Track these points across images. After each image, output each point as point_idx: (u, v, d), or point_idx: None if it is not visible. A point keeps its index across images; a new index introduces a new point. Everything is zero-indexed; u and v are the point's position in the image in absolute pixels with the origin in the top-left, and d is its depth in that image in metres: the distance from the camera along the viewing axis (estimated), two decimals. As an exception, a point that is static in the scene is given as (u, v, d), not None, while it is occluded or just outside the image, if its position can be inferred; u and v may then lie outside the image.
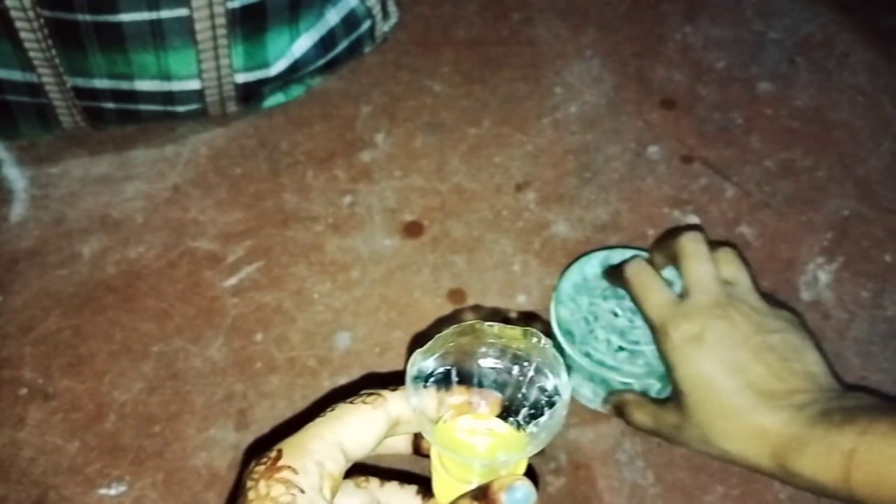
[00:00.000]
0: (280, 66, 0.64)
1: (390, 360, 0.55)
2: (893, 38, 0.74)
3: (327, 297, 0.58)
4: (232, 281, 0.59)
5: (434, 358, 0.35)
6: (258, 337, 0.56)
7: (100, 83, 0.60)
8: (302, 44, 0.64)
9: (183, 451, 0.51)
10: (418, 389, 0.34)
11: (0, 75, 0.58)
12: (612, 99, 0.70)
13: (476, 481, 0.33)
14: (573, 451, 0.52)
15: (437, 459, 0.35)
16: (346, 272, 0.59)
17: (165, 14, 0.56)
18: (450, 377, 0.35)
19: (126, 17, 0.56)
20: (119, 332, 0.56)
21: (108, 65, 0.58)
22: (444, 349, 0.35)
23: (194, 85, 0.61)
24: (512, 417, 0.35)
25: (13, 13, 0.54)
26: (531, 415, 0.35)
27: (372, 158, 0.66)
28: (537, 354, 0.35)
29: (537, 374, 0.35)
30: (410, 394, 0.34)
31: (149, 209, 0.62)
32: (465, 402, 0.35)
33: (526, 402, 0.35)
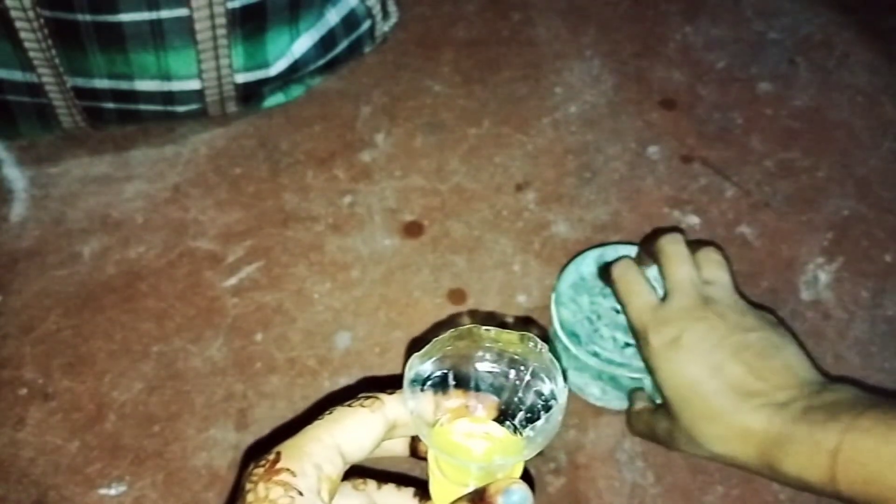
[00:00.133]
0: (280, 66, 0.64)
1: (390, 360, 0.55)
2: (893, 38, 0.74)
3: (327, 297, 0.58)
4: (232, 281, 0.59)
5: (431, 362, 0.35)
6: (258, 337, 0.56)
7: (100, 83, 0.60)
8: (302, 44, 0.64)
9: (183, 451, 0.51)
10: (415, 393, 0.34)
11: (0, 75, 0.58)
12: (612, 99, 0.70)
13: (473, 484, 0.33)
14: (573, 451, 0.52)
15: (434, 462, 0.35)
16: (346, 272, 0.59)
17: (165, 14, 0.56)
18: (447, 381, 0.35)
19: (126, 17, 0.56)
20: (119, 332, 0.56)
21: (108, 65, 0.58)
22: (441, 353, 0.35)
23: (194, 85, 0.62)
24: (508, 421, 0.35)
25: (13, 13, 0.54)
26: (528, 419, 0.35)
27: (372, 158, 0.66)
28: (534, 359, 0.35)
29: (534, 378, 0.35)
30: (408, 397, 0.34)
31: (149, 209, 0.62)
32: (461, 406, 0.35)
33: (522, 407, 0.35)
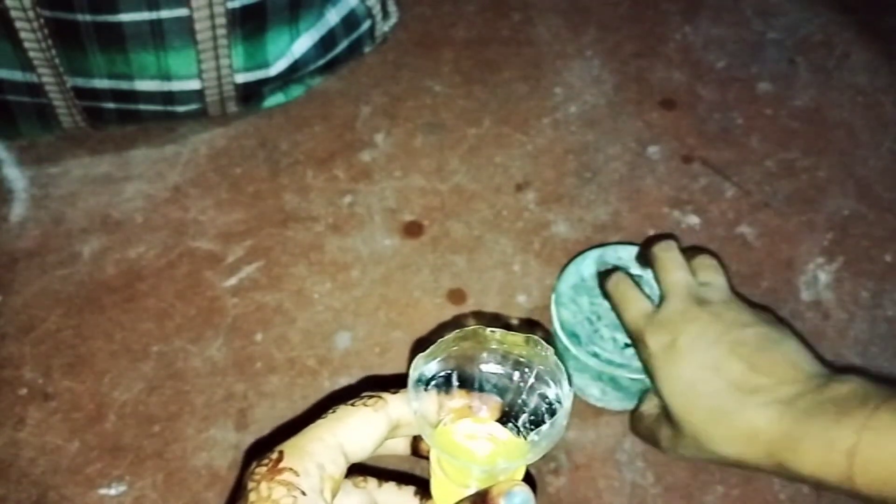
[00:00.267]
0: (280, 66, 0.64)
1: (390, 360, 0.55)
2: (893, 38, 0.74)
3: (327, 297, 0.58)
4: (232, 281, 0.59)
5: (436, 362, 0.35)
6: (258, 337, 0.56)
7: (100, 83, 0.60)
8: (302, 44, 0.64)
9: (183, 451, 0.51)
10: (419, 393, 0.34)
11: (0, 75, 0.58)
12: (612, 99, 0.70)
13: (474, 486, 0.33)
14: (573, 451, 0.52)
15: (437, 463, 0.35)
16: (346, 272, 0.59)
17: (165, 14, 0.56)
18: (451, 381, 0.35)
19: (126, 17, 0.56)
20: (119, 332, 0.56)
21: (108, 65, 0.58)
22: (445, 353, 0.35)
23: (194, 85, 0.61)
24: (511, 423, 0.35)
25: (13, 13, 0.54)
26: (531, 421, 0.35)
27: (372, 158, 0.66)
28: (539, 361, 0.35)
29: (538, 381, 0.35)
30: (412, 397, 0.34)
31: (149, 209, 0.62)
32: (465, 406, 0.35)
33: (526, 409, 0.35)
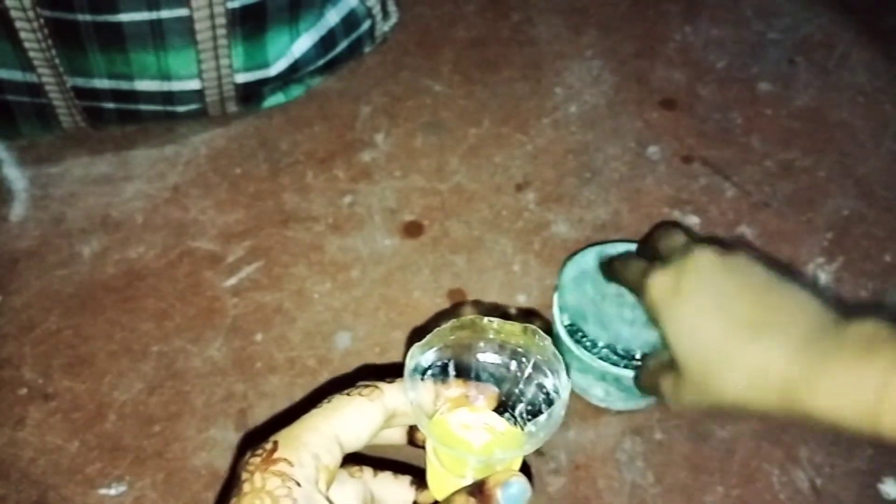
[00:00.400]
0: (280, 66, 0.64)
1: (390, 360, 0.55)
2: (893, 38, 0.74)
3: (327, 297, 0.58)
4: (232, 281, 0.59)
5: (432, 351, 0.35)
6: (258, 337, 0.56)
7: (100, 83, 0.60)
8: (302, 44, 0.64)
9: (183, 451, 0.51)
10: (416, 383, 0.34)
11: (0, 75, 0.58)
12: (612, 99, 0.70)
13: (471, 476, 0.33)
14: (573, 451, 0.52)
15: (433, 453, 0.35)
16: (346, 272, 0.59)
17: (165, 14, 0.56)
18: (447, 370, 0.35)
19: (126, 17, 0.56)
20: (119, 332, 0.56)
21: (108, 65, 0.58)
22: (442, 343, 0.35)
23: (194, 85, 0.61)
24: (508, 412, 0.35)
25: (13, 13, 0.54)
26: (528, 411, 0.35)
27: (372, 158, 0.66)
28: (537, 351, 0.35)
29: (536, 371, 0.35)
30: (408, 387, 0.34)
31: (149, 209, 0.62)
32: (461, 396, 0.35)
33: (523, 399, 0.35)
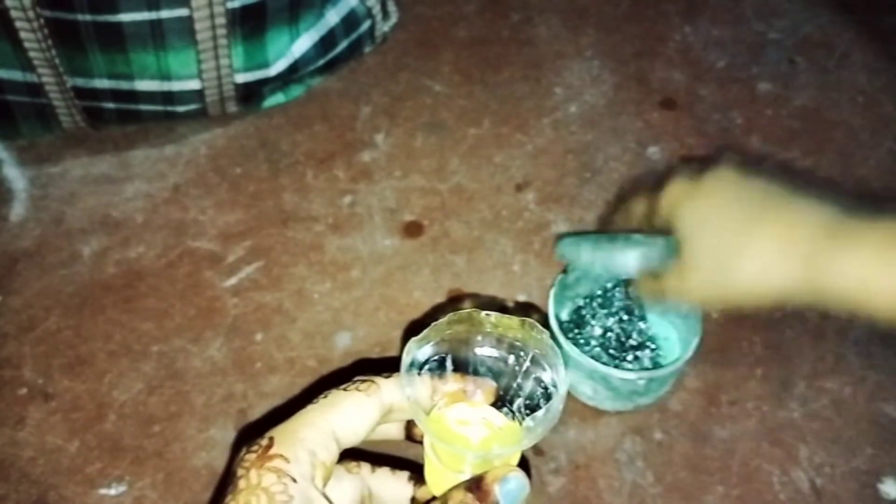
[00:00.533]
0: (280, 66, 0.64)
1: (390, 360, 0.55)
2: (893, 38, 0.74)
3: (327, 297, 0.58)
4: (232, 281, 0.59)
5: (429, 346, 0.35)
6: (258, 337, 0.56)
7: (100, 83, 0.60)
8: (302, 44, 0.64)
9: (183, 451, 0.51)
10: (412, 378, 0.34)
11: (0, 75, 0.58)
12: (612, 99, 0.70)
13: (469, 471, 0.33)
14: (573, 451, 0.52)
15: (430, 448, 0.35)
16: (346, 272, 0.59)
17: (165, 14, 0.56)
18: (445, 365, 0.35)
19: (126, 17, 0.56)
20: (119, 332, 0.56)
21: (108, 65, 0.58)
22: (439, 337, 0.35)
23: (194, 85, 0.61)
24: (506, 407, 0.35)
25: (13, 13, 0.54)
26: (526, 405, 0.35)
27: (372, 158, 0.66)
28: (535, 345, 0.35)
29: (534, 364, 0.35)
30: (405, 383, 0.33)
31: (149, 209, 0.62)
32: (459, 390, 0.35)
33: (521, 393, 0.35)
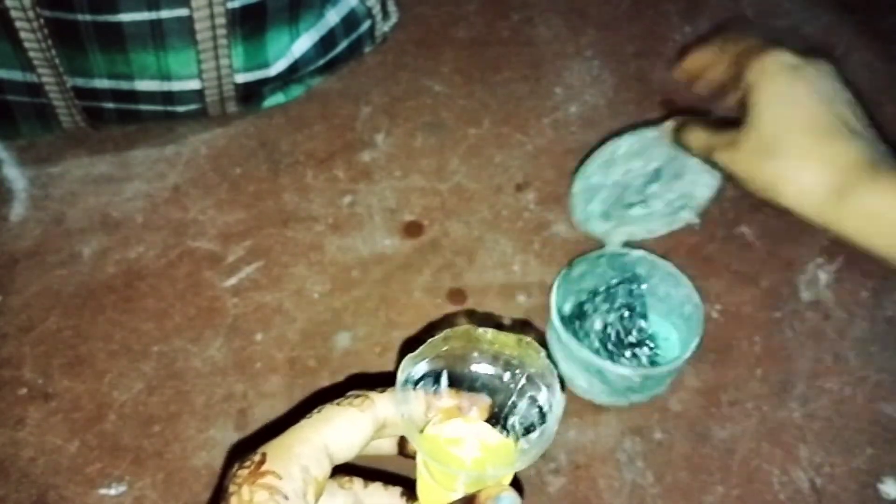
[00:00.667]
0: (280, 66, 0.64)
1: (390, 360, 0.55)
2: (893, 38, 0.74)
3: (327, 297, 0.58)
4: (232, 281, 0.59)
5: (425, 362, 0.35)
6: (258, 337, 0.56)
7: (100, 83, 0.60)
8: (302, 44, 0.64)
9: (183, 451, 0.51)
10: (407, 394, 0.34)
11: (0, 75, 0.58)
12: (612, 99, 0.70)
13: (461, 489, 0.33)
14: (573, 451, 0.52)
15: (423, 466, 0.34)
16: (346, 272, 0.59)
17: (165, 14, 0.56)
18: (440, 380, 0.35)
19: (126, 17, 0.56)
20: (119, 332, 0.56)
21: (108, 65, 0.58)
22: (434, 353, 0.35)
23: (194, 85, 0.61)
24: (500, 424, 0.35)
25: (13, 13, 0.54)
26: (521, 424, 0.35)
27: (372, 158, 0.66)
28: (530, 363, 0.35)
29: (529, 383, 0.35)
30: (399, 400, 0.33)
31: (149, 209, 0.62)
32: (454, 407, 0.35)
33: (516, 411, 0.35)
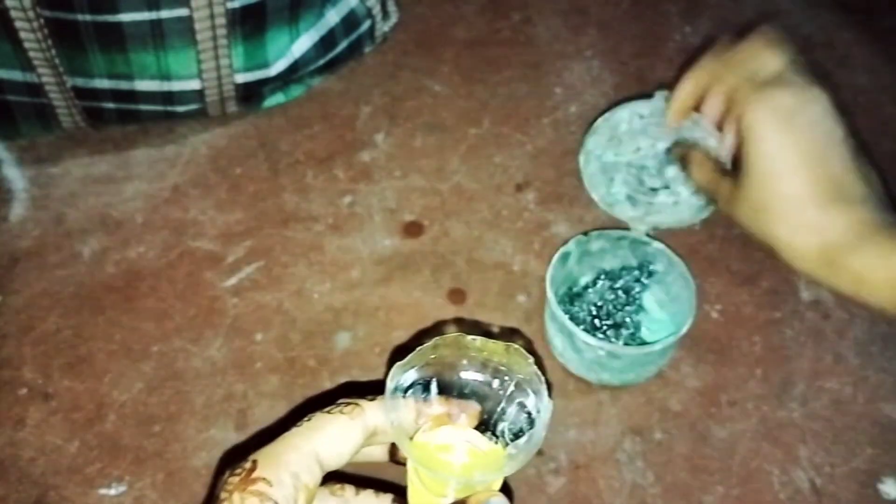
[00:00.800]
0: (280, 66, 0.64)
1: (390, 360, 0.55)
2: (893, 38, 0.74)
3: (327, 297, 0.58)
4: (232, 281, 0.59)
5: (414, 370, 0.35)
6: (258, 337, 0.56)
7: (100, 83, 0.60)
8: (302, 44, 0.64)
9: (183, 451, 0.51)
10: (397, 402, 0.34)
11: (0, 75, 0.58)
12: (612, 99, 0.69)
13: (452, 495, 0.34)
14: (573, 451, 0.52)
15: (414, 472, 0.35)
16: (346, 272, 0.59)
17: (165, 14, 0.56)
18: (430, 388, 0.35)
19: (126, 17, 0.56)
20: (119, 332, 0.56)
21: (108, 65, 0.58)
22: (423, 361, 0.35)
23: (194, 85, 0.61)
24: (490, 431, 0.35)
25: (13, 13, 0.54)
26: (510, 429, 0.35)
27: (372, 158, 0.66)
28: (519, 370, 0.35)
29: (518, 389, 0.35)
30: (389, 408, 0.34)
31: (149, 209, 0.62)
32: (444, 414, 0.35)
33: (505, 418, 0.35)
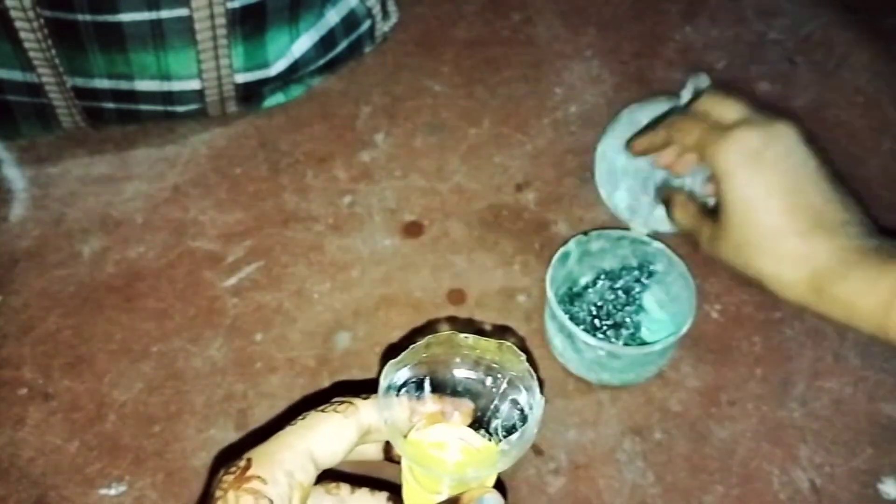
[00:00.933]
0: (280, 66, 0.64)
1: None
2: (893, 38, 0.74)
3: (327, 297, 0.58)
4: (232, 281, 0.59)
5: (407, 368, 0.35)
6: (258, 337, 0.56)
7: (100, 83, 0.60)
8: (302, 44, 0.64)
9: (183, 451, 0.51)
10: (390, 401, 0.34)
11: (0, 75, 0.58)
12: (612, 99, 0.69)
13: (446, 492, 0.34)
14: (573, 451, 0.52)
15: (408, 470, 0.35)
16: (346, 272, 0.59)
17: (165, 14, 0.56)
18: (423, 386, 0.35)
19: (126, 17, 0.56)
20: (119, 332, 0.56)
21: (108, 65, 0.58)
22: (416, 360, 0.35)
23: (194, 85, 0.61)
24: (483, 428, 0.36)
25: (13, 13, 0.54)
26: (503, 426, 0.36)
27: (372, 158, 0.66)
28: (511, 367, 0.35)
29: (510, 387, 0.36)
30: (382, 406, 0.34)
31: (149, 209, 0.62)
32: (437, 412, 0.35)
33: (498, 415, 0.36)
